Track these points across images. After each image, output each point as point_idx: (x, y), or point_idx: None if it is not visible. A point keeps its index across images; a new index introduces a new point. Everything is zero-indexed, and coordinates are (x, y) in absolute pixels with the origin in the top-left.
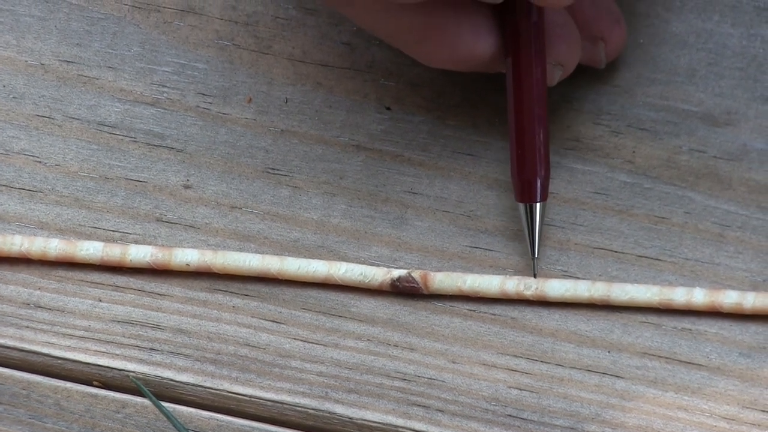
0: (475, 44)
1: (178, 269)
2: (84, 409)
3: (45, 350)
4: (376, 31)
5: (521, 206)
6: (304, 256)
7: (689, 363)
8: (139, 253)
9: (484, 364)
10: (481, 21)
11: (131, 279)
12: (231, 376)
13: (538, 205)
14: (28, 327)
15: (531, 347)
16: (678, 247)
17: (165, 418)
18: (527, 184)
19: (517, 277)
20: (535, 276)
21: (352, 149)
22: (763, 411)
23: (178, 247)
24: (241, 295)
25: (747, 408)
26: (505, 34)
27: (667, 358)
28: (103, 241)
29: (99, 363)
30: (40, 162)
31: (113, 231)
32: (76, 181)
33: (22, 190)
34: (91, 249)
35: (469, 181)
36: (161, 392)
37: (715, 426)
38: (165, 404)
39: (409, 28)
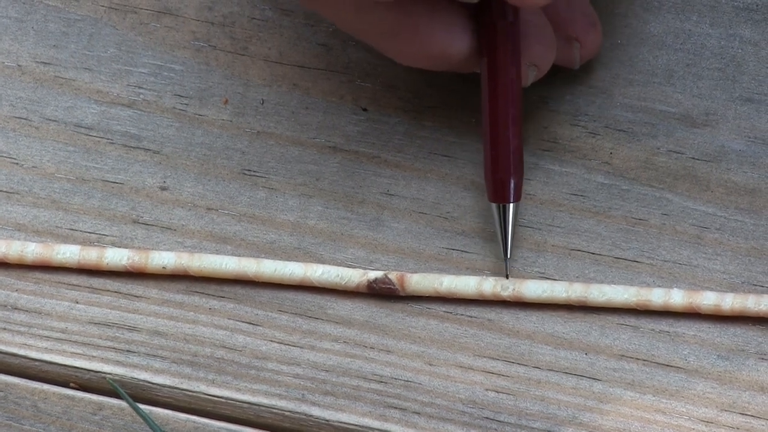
0: (449, 43)
1: (155, 272)
2: (61, 410)
3: (22, 352)
4: (349, 28)
5: (494, 206)
6: (281, 258)
7: (667, 365)
8: (116, 257)
9: (460, 367)
10: (455, 20)
11: (108, 281)
12: (207, 378)
13: (511, 205)
14: (5, 329)
15: (508, 349)
16: (656, 249)
17: (142, 420)
18: (500, 185)
19: (493, 278)
20: (507, 277)
21: (329, 151)
22: (742, 414)
23: (155, 248)
24: (218, 297)
25: (725, 411)
26: (481, 34)
27: (644, 360)
28: (79, 242)
29: (76, 365)
30: (17, 164)
31: (90, 233)
32: (53, 183)
33: None
34: (68, 253)
35: (446, 182)
36: (138, 394)
37: (693, 429)
38: (142, 406)
39: (382, 26)
